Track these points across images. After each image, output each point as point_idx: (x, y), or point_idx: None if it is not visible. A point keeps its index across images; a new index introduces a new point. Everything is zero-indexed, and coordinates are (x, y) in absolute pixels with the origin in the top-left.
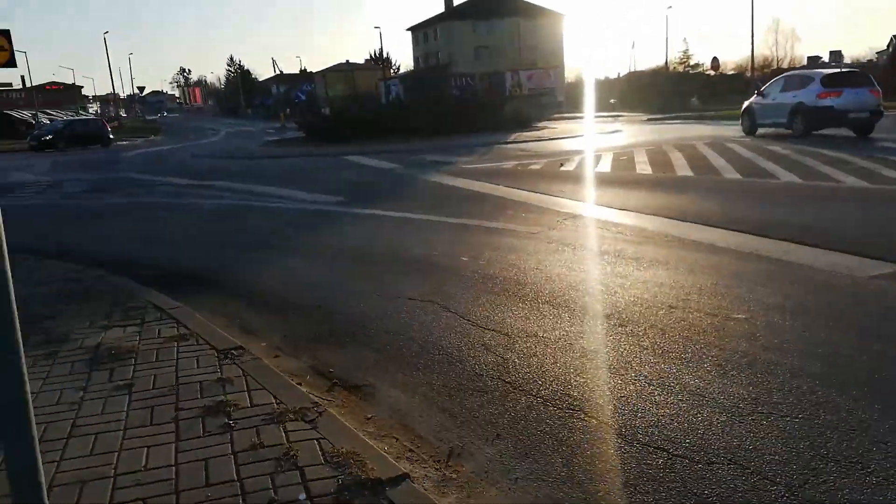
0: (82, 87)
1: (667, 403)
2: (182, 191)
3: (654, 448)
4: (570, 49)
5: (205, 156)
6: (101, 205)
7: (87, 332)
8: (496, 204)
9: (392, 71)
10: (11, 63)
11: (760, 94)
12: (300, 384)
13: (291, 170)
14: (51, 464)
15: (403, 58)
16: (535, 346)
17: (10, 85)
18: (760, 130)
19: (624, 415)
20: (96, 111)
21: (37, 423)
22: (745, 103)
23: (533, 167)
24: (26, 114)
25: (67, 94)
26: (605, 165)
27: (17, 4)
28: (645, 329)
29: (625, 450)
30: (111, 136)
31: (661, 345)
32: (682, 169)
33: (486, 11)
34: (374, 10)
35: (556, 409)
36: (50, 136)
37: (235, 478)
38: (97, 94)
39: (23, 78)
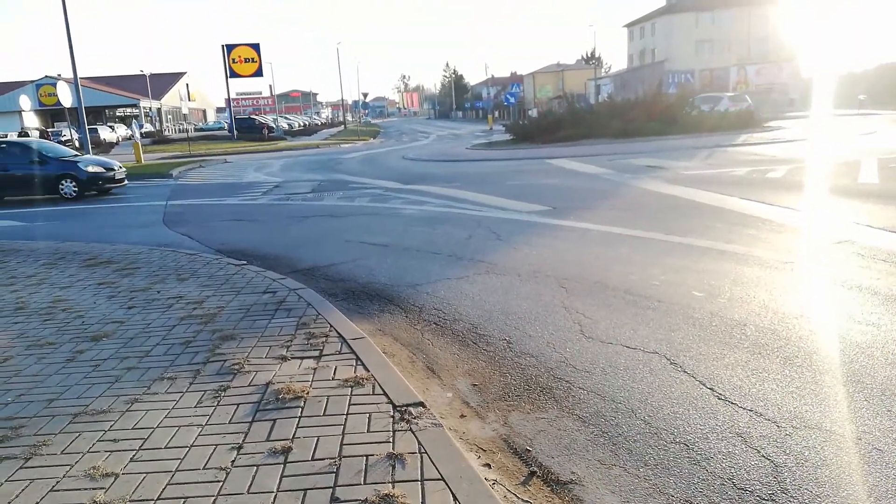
0: (317, 94)
1: None
2: (388, 195)
3: None
4: (806, 40)
5: (414, 158)
6: (314, 207)
7: (263, 363)
8: (730, 220)
9: (603, 71)
10: (259, 73)
11: None
12: (489, 466)
13: (495, 174)
14: None
15: (617, 57)
16: (822, 448)
17: (260, 93)
18: None
19: None
20: (327, 116)
21: (173, 498)
22: None
23: (772, 175)
24: (268, 118)
25: (305, 101)
26: (870, 174)
27: (267, 23)
28: None
29: None
30: None
31: None
32: None
33: (710, 2)
34: (590, 9)
35: None
36: None
37: None
38: (329, 100)
39: (270, 87)
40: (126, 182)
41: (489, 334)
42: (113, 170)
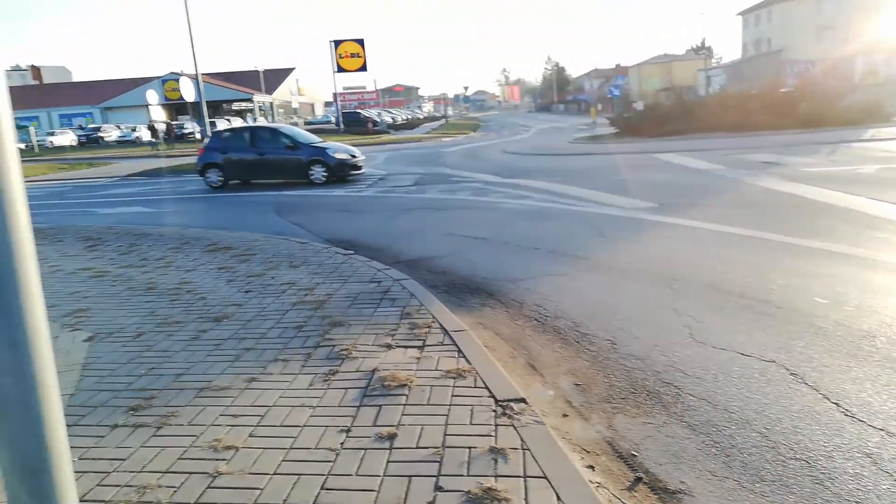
0: (419, 88)
1: None
2: (489, 188)
3: None
4: None
5: (514, 152)
6: (416, 200)
7: (369, 350)
8: (858, 222)
9: (714, 61)
10: (364, 68)
11: None
12: (592, 468)
13: (598, 168)
14: None
15: (729, 46)
16: None
17: (364, 87)
18: None
19: None
20: (429, 110)
21: (288, 474)
22: None
23: None
24: (373, 112)
25: (407, 95)
26: None
27: (369, 17)
28: None
29: None
30: None
31: None
32: None
33: None
34: None
35: None
36: None
37: None
38: (430, 94)
39: (374, 81)
40: (364, 170)
41: (592, 333)
42: (355, 157)
